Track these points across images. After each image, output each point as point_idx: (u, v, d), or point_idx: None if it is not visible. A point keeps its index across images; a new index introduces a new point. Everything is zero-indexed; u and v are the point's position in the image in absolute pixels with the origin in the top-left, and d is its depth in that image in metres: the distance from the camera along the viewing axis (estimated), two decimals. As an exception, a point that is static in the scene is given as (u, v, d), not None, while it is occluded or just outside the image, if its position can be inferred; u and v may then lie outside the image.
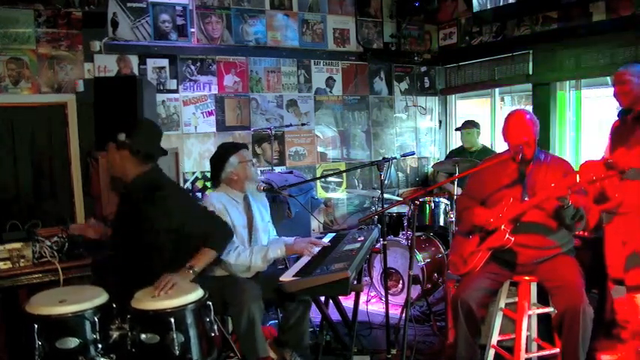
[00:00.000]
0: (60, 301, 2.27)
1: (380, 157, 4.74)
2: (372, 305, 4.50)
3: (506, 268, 2.94)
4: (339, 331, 3.38)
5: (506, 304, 3.01)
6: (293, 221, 4.26)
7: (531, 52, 5.27)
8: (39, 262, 2.98)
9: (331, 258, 2.91)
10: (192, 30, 5.18)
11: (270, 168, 5.37)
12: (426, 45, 6.49)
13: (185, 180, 5.13)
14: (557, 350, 2.84)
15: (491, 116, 5.97)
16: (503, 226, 2.83)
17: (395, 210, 4.78)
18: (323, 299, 3.30)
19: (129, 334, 2.28)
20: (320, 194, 5.85)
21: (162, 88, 5.03)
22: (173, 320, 2.22)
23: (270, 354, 3.01)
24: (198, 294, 2.40)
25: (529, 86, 5.40)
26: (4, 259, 2.89)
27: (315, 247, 3.17)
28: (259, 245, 3.15)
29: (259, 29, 5.52)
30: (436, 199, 4.67)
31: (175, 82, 5.11)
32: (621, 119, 3.29)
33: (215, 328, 2.42)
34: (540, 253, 2.88)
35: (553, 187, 2.66)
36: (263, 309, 2.85)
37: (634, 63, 3.48)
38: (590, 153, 4.88)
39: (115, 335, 2.29)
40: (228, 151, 3.17)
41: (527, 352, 2.89)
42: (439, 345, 3.66)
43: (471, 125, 5.25)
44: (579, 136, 5.18)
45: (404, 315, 3.13)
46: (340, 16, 5.95)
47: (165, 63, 5.06)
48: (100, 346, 2.25)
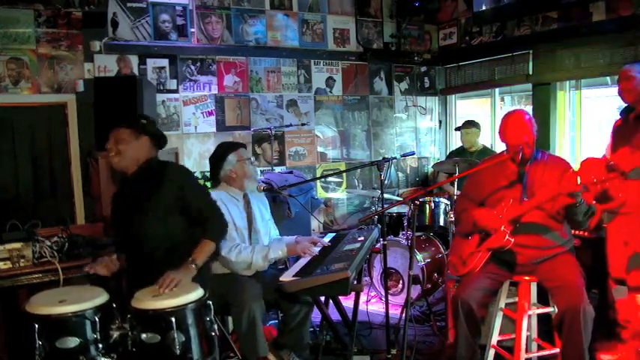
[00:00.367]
0: (60, 301, 2.27)
1: (380, 157, 4.74)
2: (372, 305, 4.50)
3: (506, 268, 2.94)
4: (339, 331, 3.38)
5: (506, 304, 3.01)
6: (293, 221, 4.26)
7: (531, 52, 5.27)
8: (39, 262, 2.98)
9: (331, 258, 2.91)
10: (192, 30, 5.18)
11: (270, 168, 5.37)
12: (426, 45, 6.49)
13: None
14: (557, 350, 2.84)
15: (492, 116, 5.97)
16: (503, 227, 2.83)
17: (395, 210, 4.78)
18: (323, 299, 3.30)
19: (129, 333, 2.28)
20: (320, 194, 5.85)
21: (162, 88, 5.04)
22: (174, 320, 2.22)
23: (269, 357, 3.01)
24: (198, 293, 2.40)
25: (529, 86, 5.41)
26: (4, 259, 2.88)
27: (315, 247, 3.18)
28: (261, 244, 3.16)
29: (259, 29, 5.52)
30: (436, 199, 4.67)
31: (175, 82, 5.12)
32: (623, 118, 3.27)
33: (215, 327, 2.42)
34: (540, 253, 2.88)
35: (557, 185, 2.66)
36: (264, 308, 2.85)
37: (638, 62, 3.48)
38: (590, 153, 4.87)
39: (116, 335, 2.29)
40: (226, 150, 3.19)
41: (527, 352, 2.89)
42: (439, 345, 3.66)
43: (471, 125, 5.25)
44: (579, 136, 5.18)
45: (404, 315, 3.13)
46: (340, 16, 5.96)
47: (165, 63, 5.06)
48: (101, 346, 2.24)
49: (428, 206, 4.65)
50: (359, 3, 6.02)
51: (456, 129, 5.76)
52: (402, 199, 5.41)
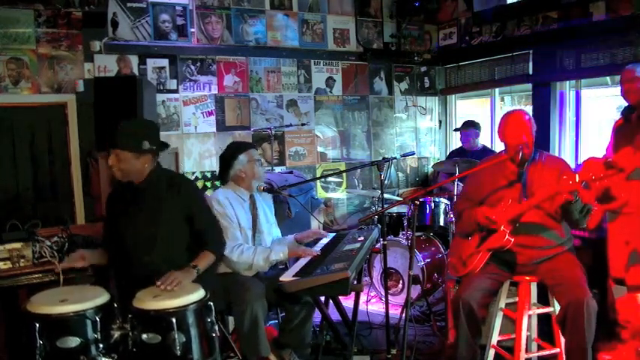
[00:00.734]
0: (61, 301, 2.27)
1: (380, 157, 4.74)
2: (372, 305, 4.50)
3: (507, 268, 2.94)
4: (339, 331, 3.38)
5: (506, 304, 3.01)
6: (293, 221, 4.26)
7: (531, 52, 5.27)
8: (39, 262, 2.97)
9: (331, 258, 2.91)
10: (192, 30, 5.18)
11: (270, 168, 5.37)
12: (426, 45, 6.49)
13: (185, 180, 5.13)
14: (558, 350, 2.84)
15: (492, 116, 5.97)
16: (502, 227, 2.83)
17: (395, 210, 4.78)
18: (323, 299, 3.30)
19: (130, 333, 2.28)
20: (320, 194, 5.85)
21: (162, 88, 5.04)
22: (175, 320, 2.22)
23: (270, 356, 3.01)
24: (199, 294, 2.40)
25: (529, 86, 5.41)
26: (4, 259, 2.88)
27: (317, 246, 3.18)
28: (263, 246, 3.16)
29: (259, 29, 5.52)
30: (436, 199, 4.68)
31: (175, 82, 5.12)
32: (624, 118, 3.26)
33: (216, 328, 2.42)
34: (540, 253, 2.88)
35: (555, 184, 2.66)
36: (266, 308, 2.85)
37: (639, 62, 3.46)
38: (590, 153, 4.87)
39: (117, 335, 2.30)
40: (238, 149, 3.20)
41: (527, 352, 2.89)
42: (439, 345, 3.66)
43: (470, 126, 5.24)
44: (579, 136, 5.19)
45: (404, 315, 3.13)
46: (340, 16, 5.96)
47: (166, 63, 5.06)
48: (102, 346, 2.25)
49: (428, 206, 4.65)
50: (359, 3, 6.02)
51: (455, 130, 5.76)
52: (402, 199, 5.41)
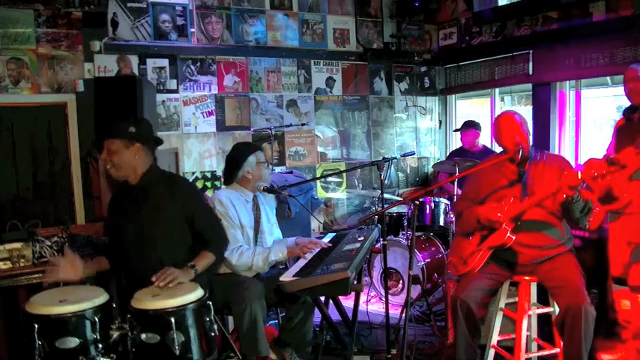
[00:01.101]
0: (60, 301, 2.26)
1: (380, 157, 4.73)
2: (372, 305, 4.50)
3: (506, 268, 2.94)
4: (339, 331, 3.38)
5: (506, 304, 3.01)
6: (293, 221, 4.27)
7: (531, 52, 5.27)
8: (39, 262, 2.98)
9: (331, 258, 2.91)
10: (192, 30, 5.18)
11: (270, 168, 5.36)
12: (426, 45, 6.49)
13: (185, 180, 5.13)
14: (558, 350, 2.84)
15: (492, 116, 5.97)
16: (504, 225, 2.83)
17: (395, 210, 4.78)
18: (323, 299, 3.30)
19: (129, 333, 2.27)
20: (320, 194, 5.85)
21: (162, 88, 5.04)
22: (174, 320, 2.22)
23: (271, 355, 3.01)
24: (198, 294, 2.39)
25: (529, 86, 5.40)
26: (4, 259, 2.89)
27: (315, 247, 3.18)
28: (262, 246, 3.16)
29: (259, 29, 5.52)
30: (436, 199, 4.68)
31: (175, 82, 5.12)
32: (627, 118, 3.23)
33: (215, 327, 2.41)
34: (541, 252, 2.87)
35: (556, 182, 2.66)
36: (265, 308, 2.85)
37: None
38: (590, 153, 4.88)
39: (116, 335, 2.29)
40: (248, 151, 3.20)
41: (527, 352, 2.89)
42: (439, 345, 3.66)
43: (470, 126, 5.24)
44: (579, 136, 5.18)
45: (404, 315, 3.13)
46: (340, 16, 5.95)
47: (165, 63, 5.06)
48: (101, 346, 2.24)
49: (428, 206, 4.65)
50: (359, 3, 6.02)
51: (455, 130, 5.76)
52: (402, 199, 5.40)
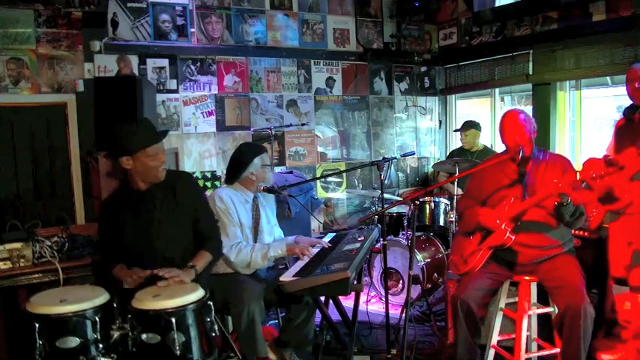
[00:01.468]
0: (61, 301, 2.26)
1: (380, 157, 4.73)
2: (372, 305, 4.50)
3: (507, 268, 2.94)
4: (339, 331, 3.37)
5: (506, 304, 3.01)
6: (293, 221, 4.27)
7: (531, 52, 5.28)
8: (39, 262, 2.98)
9: (331, 258, 2.91)
10: (192, 30, 5.18)
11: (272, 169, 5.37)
12: (426, 45, 6.49)
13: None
14: (558, 350, 2.84)
15: (492, 116, 5.97)
16: (504, 225, 2.84)
17: (395, 210, 4.78)
18: (323, 299, 3.30)
19: (130, 333, 2.27)
20: (320, 194, 5.85)
21: (162, 88, 5.04)
22: (174, 320, 2.22)
23: (270, 355, 3.01)
24: (198, 294, 2.39)
25: (529, 86, 5.41)
26: (4, 259, 2.88)
27: (315, 248, 3.18)
28: (261, 243, 3.16)
29: (259, 29, 5.52)
30: (436, 199, 4.67)
31: (175, 82, 5.12)
32: (627, 118, 3.21)
33: (215, 327, 2.41)
34: (541, 252, 2.87)
35: (554, 183, 2.66)
36: (263, 308, 2.85)
37: None
38: (590, 153, 4.88)
39: (116, 335, 2.29)
40: (254, 153, 3.20)
41: (527, 352, 2.89)
42: (439, 345, 3.66)
43: (470, 126, 5.24)
44: (579, 136, 5.19)
45: (404, 315, 3.13)
46: (340, 16, 5.96)
47: (165, 63, 5.06)
48: (101, 346, 2.24)
49: (428, 206, 4.65)
50: (359, 3, 6.02)
51: (455, 131, 5.76)
52: (402, 199, 5.41)
